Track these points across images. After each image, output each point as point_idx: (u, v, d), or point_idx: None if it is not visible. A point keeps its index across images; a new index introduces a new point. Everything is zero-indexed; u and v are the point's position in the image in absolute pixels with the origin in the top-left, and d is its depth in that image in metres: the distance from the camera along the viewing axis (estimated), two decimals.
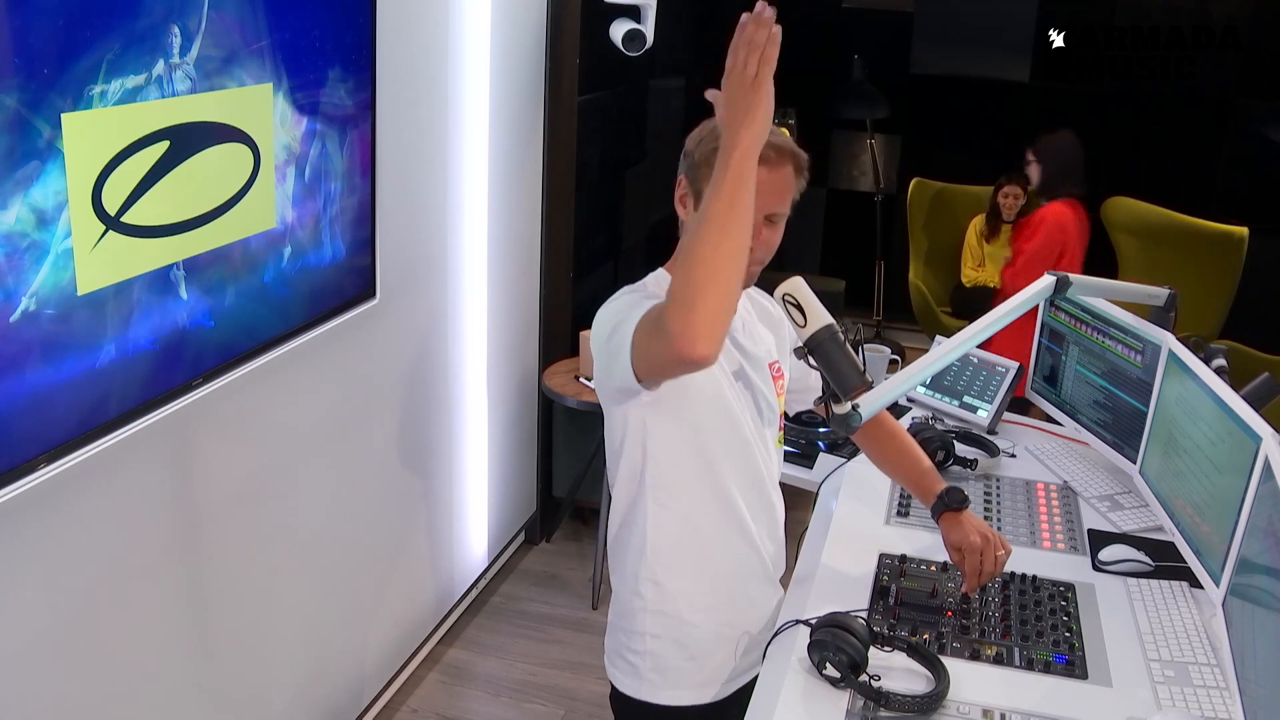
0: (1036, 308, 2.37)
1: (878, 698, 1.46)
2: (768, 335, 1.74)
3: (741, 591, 1.70)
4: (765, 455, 1.69)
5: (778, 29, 1.30)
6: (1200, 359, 1.91)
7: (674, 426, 1.58)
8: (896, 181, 5.95)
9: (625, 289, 1.60)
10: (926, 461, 1.84)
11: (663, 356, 1.34)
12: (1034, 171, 4.07)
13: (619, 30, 3.13)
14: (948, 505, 1.72)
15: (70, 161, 1.50)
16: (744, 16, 1.30)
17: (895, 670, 1.55)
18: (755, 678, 1.65)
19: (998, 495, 2.13)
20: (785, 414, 1.79)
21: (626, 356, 1.41)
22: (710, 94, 1.42)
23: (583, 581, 3.51)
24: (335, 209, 2.22)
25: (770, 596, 1.75)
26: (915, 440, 1.91)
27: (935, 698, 1.46)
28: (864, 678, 1.49)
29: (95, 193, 1.56)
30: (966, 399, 2.48)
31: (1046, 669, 1.58)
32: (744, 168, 1.29)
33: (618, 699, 1.73)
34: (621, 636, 1.69)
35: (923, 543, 1.93)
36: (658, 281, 1.62)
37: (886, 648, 1.55)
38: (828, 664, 1.50)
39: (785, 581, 1.89)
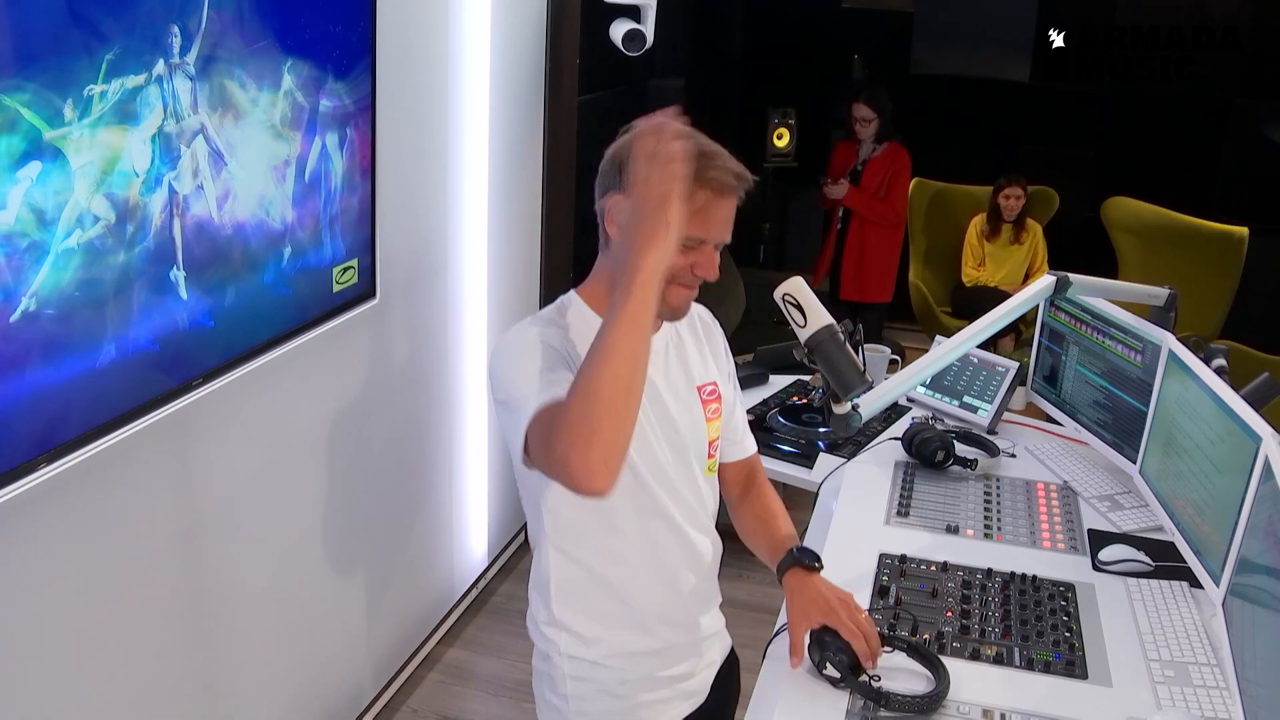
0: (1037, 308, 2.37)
1: (878, 698, 1.46)
2: (697, 356, 1.61)
3: (658, 630, 1.57)
4: (685, 492, 1.55)
5: (688, 144, 1.22)
6: (1200, 359, 1.91)
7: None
8: None
9: (527, 322, 1.47)
10: (788, 527, 1.70)
11: (554, 477, 1.25)
12: (875, 126, 4.46)
13: (619, 30, 3.13)
14: (797, 561, 1.57)
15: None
16: (641, 124, 1.22)
17: (895, 670, 1.55)
18: (701, 706, 1.62)
19: (998, 495, 2.13)
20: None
21: (520, 441, 1.31)
22: (610, 203, 1.38)
23: None
24: (335, 209, 2.22)
25: (694, 630, 1.62)
26: (910, 438, 1.89)
27: (935, 698, 1.46)
28: (864, 678, 1.48)
29: None
30: (966, 399, 2.48)
31: (1046, 669, 1.58)
32: (647, 293, 1.20)
33: None
34: (544, 680, 1.60)
35: (923, 543, 1.93)
36: (561, 312, 1.50)
37: (887, 648, 1.55)
38: (828, 664, 1.50)
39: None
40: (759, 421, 2.43)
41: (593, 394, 1.18)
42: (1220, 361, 2.02)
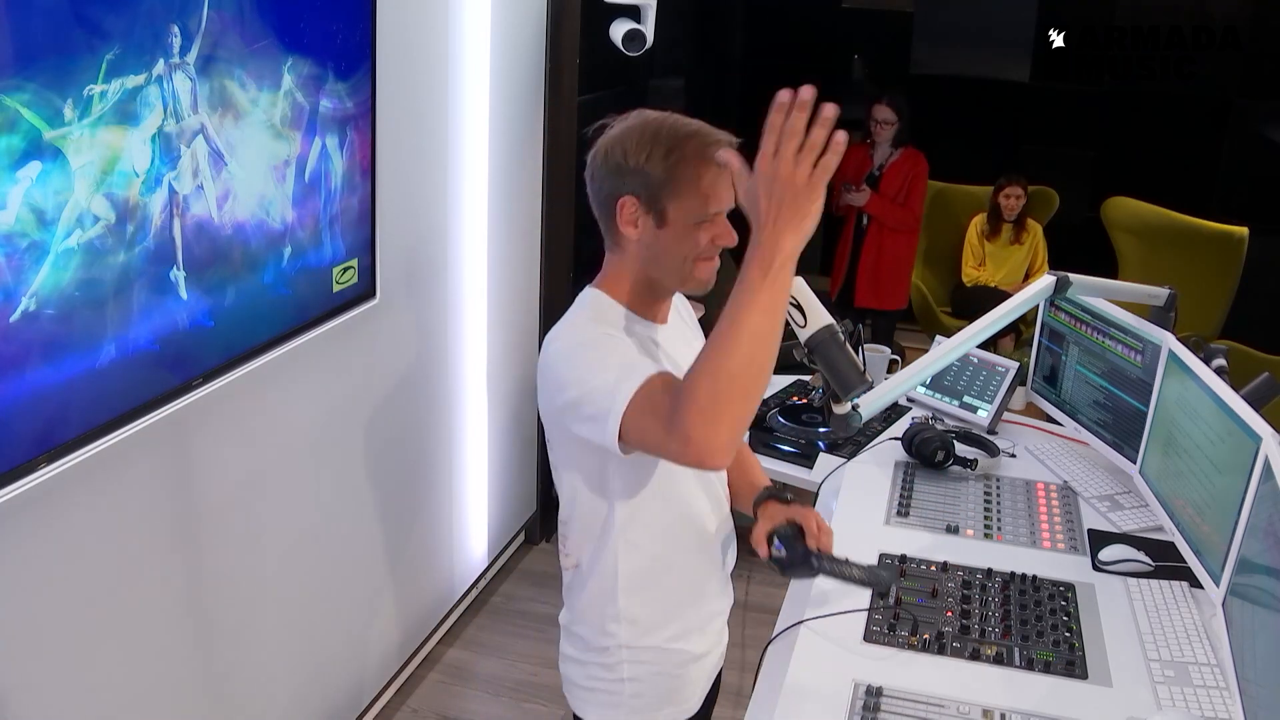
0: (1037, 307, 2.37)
1: (814, 562, 1.49)
2: (693, 335, 1.71)
3: (710, 607, 1.67)
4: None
5: (842, 136, 1.18)
6: (1200, 359, 1.91)
7: (646, 470, 1.51)
8: None
9: (574, 323, 1.49)
10: (764, 477, 1.77)
11: (669, 454, 1.28)
12: (894, 129, 4.41)
13: (619, 30, 3.13)
14: (774, 494, 1.65)
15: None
16: (782, 96, 1.19)
17: (896, 670, 1.55)
18: (717, 676, 1.72)
19: (998, 495, 2.13)
20: None
21: (613, 427, 1.31)
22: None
23: None
24: (335, 209, 2.22)
25: (729, 602, 1.74)
26: (910, 438, 1.89)
27: (877, 577, 1.50)
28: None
29: None
30: (966, 399, 2.48)
31: (1046, 669, 1.58)
32: (786, 275, 1.19)
33: None
34: (594, 670, 1.63)
35: (922, 543, 1.93)
36: (599, 310, 1.51)
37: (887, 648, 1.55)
38: (775, 539, 1.52)
39: (785, 582, 1.88)
40: (759, 421, 2.43)
41: (725, 374, 1.20)
42: (1220, 361, 2.02)
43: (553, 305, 3.59)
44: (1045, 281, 1.94)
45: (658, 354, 1.52)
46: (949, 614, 1.70)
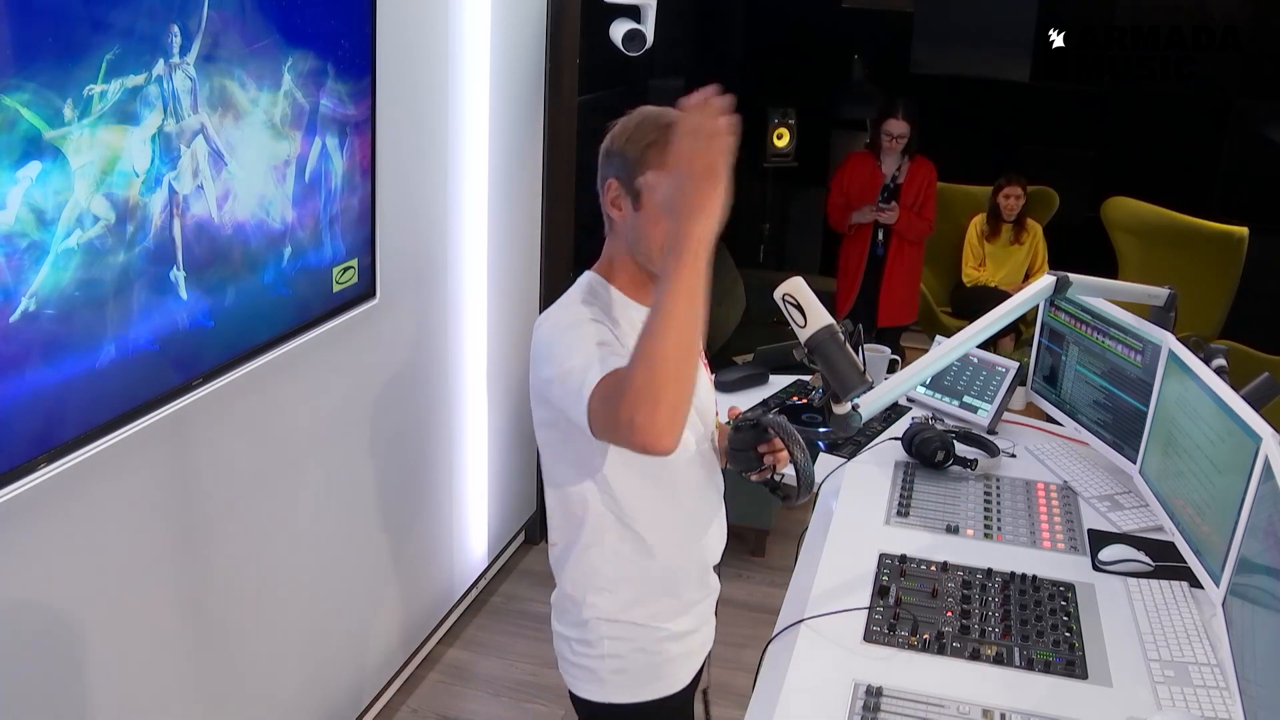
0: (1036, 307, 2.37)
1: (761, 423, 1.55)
2: None
3: (691, 590, 1.69)
4: (709, 454, 1.69)
5: (734, 118, 1.28)
6: (1200, 359, 1.91)
7: (641, 460, 1.51)
8: None
9: (567, 303, 1.55)
10: None
11: (621, 439, 1.32)
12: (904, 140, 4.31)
13: (619, 30, 3.13)
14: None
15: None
16: (687, 101, 1.29)
17: (896, 670, 1.55)
18: (709, 655, 1.76)
19: (998, 495, 2.13)
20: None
21: (583, 411, 1.37)
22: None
23: None
24: (335, 209, 2.22)
25: (714, 587, 1.76)
26: (910, 438, 1.89)
27: (808, 469, 1.55)
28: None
29: None
30: (966, 399, 2.47)
31: (1046, 669, 1.58)
32: (699, 260, 1.27)
33: (582, 705, 1.71)
34: (577, 646, 1.67)
35: (923, 543, 1.93)
36: (593, 292, 1.58)
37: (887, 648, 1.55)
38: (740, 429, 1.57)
39: (785, 582, 1.89)
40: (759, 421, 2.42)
41: (656, 358, 1.26)
42: (1220, 361, 2.02)
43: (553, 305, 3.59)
44: (1045, 281, 1.94)
45: None
46: (949, 614, 1.70)
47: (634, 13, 3.15)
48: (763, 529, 3.80)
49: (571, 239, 3.56)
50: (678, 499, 1.63)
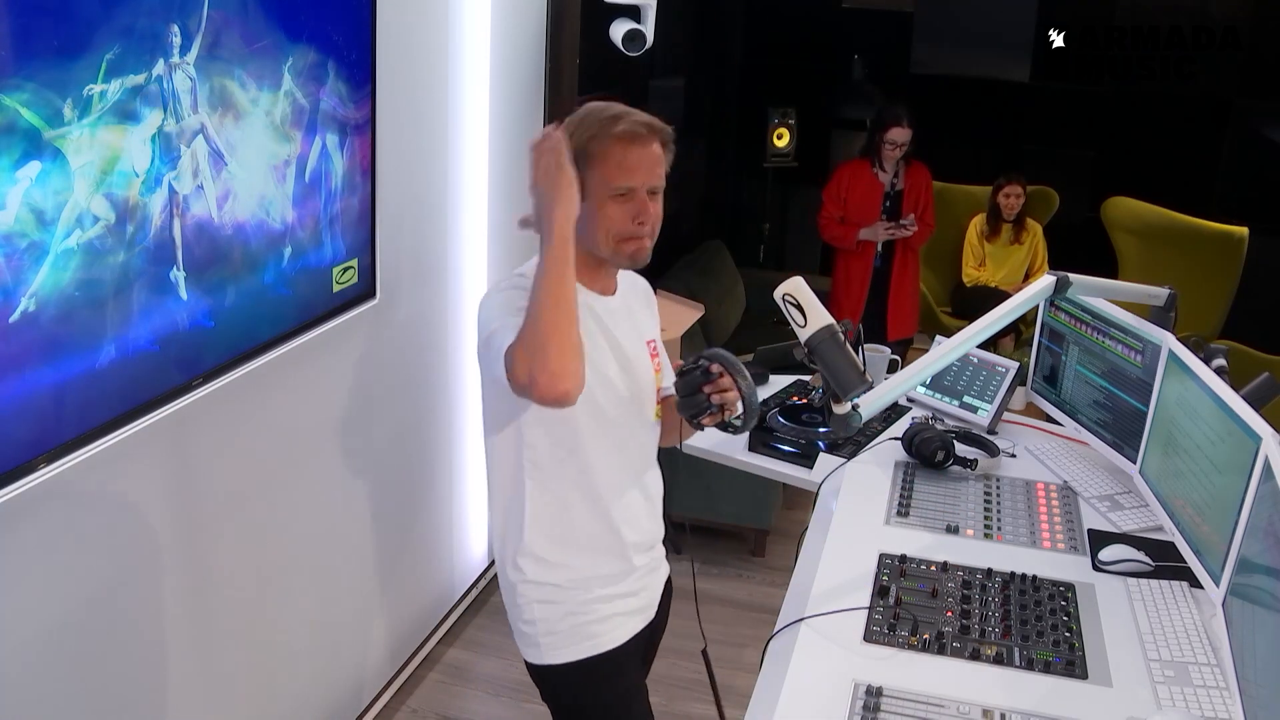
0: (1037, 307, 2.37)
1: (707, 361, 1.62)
2: (645, 315, 1.83)
3: (619, 556, 1.76)
4: (640, 432, 1.77)
5: (559, 133, 1.56)
6: (1200, 359, 1.91)
7: (549, 418, 1.65)
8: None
9: (507, 281, 1.67)
10: None
11: (529, 392, 1.45)
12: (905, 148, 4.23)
13: (619, 30, 3.13)
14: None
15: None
16: (531, 141, 1.56)
17: (896, 670, 1.55)
18: (651, 622, 1.82)
19: (998, 495, 2.13)
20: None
21: (503, 369, 1.49)
22: (521, 220, 1.61)
23: None
24: (335, 209, 2.22)
25: (645, 555, 1.81)
26: (910, 438, 1.90)
27: (751, 407, 1.60)
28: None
29: None
30: (966, 399, 2.47)
31: (1046, 669, 1.58)
32: (564, 239, 1.49)
33: (530, 669, 1.80)
34: (513, 612, 1.77)
35: (923, 543, 1.93)
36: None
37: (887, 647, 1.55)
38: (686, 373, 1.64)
39: (785, 582, 1.89)
40: (759, 421, 2.43)
41: (537, 318, 1.45)
42: (1220, 361, 2.02)
43: None
44: (1045, 281, 1.93)
45: (591, 322, 1.65)
46: (949, 614, 1.70)
47: (634, 13, 3.15)
48: (763, 529, 3.80)
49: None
50: (588, 461, 1.69)
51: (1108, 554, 1.88)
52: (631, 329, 1.76)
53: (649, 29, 3.15)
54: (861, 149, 4.38)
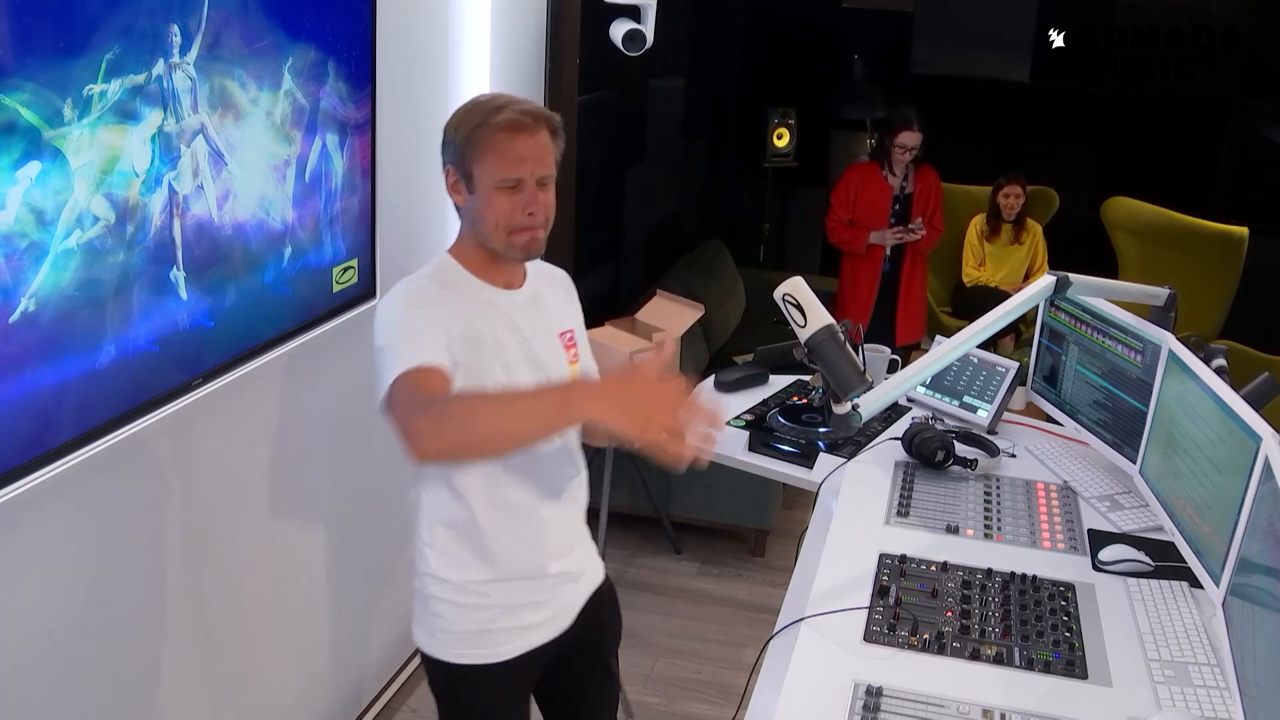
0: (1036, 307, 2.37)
1: None
2: (556, 306, 1.79)
3: (517, 562, 1.72)
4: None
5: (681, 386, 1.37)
6: (1200, 359, 1.91)
7: None
8: None
9: (413, 278, 1.65)
10: None
11: (398, 429, 1.46)
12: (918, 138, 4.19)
13: (619, 30, 3.13)
14: None
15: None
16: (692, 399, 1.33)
17: (896, 670, 1.55)
18: (549, 642, 1.77)
19: (998, 495, 2.13)
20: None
21: (385, 387, 1.50)
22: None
23: None
24: (335, 209, 2.22)
25: (556, 565, 1.76)
26: (910, 438, 1.90)
27: None
28: None
29: None
30: (966, 399, 2.48)
31: (1046, 669, 1.58)
32: (570, 418, 1.43)
33: (422, 656, 1.79)
34: (418, 597, 1.76)
35: (923, 543, 1.93)
36: (442, 272, 1.67)
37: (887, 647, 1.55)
38: None
39: (785, 582, 1.89)
40: (759, 421, 2.43)
41: (480, 428, 1.40)
42: (1220, 361, 2.02)
43: None
44: (1045, 281, 1.94)
45: (497, 319, 1.64)
46: (949, 614, 1.70)
47: (634, 13, 3.15)
48: (763, 529, 3.80)
49: (572, 239, 3.56)
50: (486, 466, 1.66)
51: (1108, 554, 1.88)
52: (542, 322, 1.74)
53: (649, 29, 3.15)
54: (871, 152, 4.37)
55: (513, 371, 1.66)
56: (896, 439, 2.29)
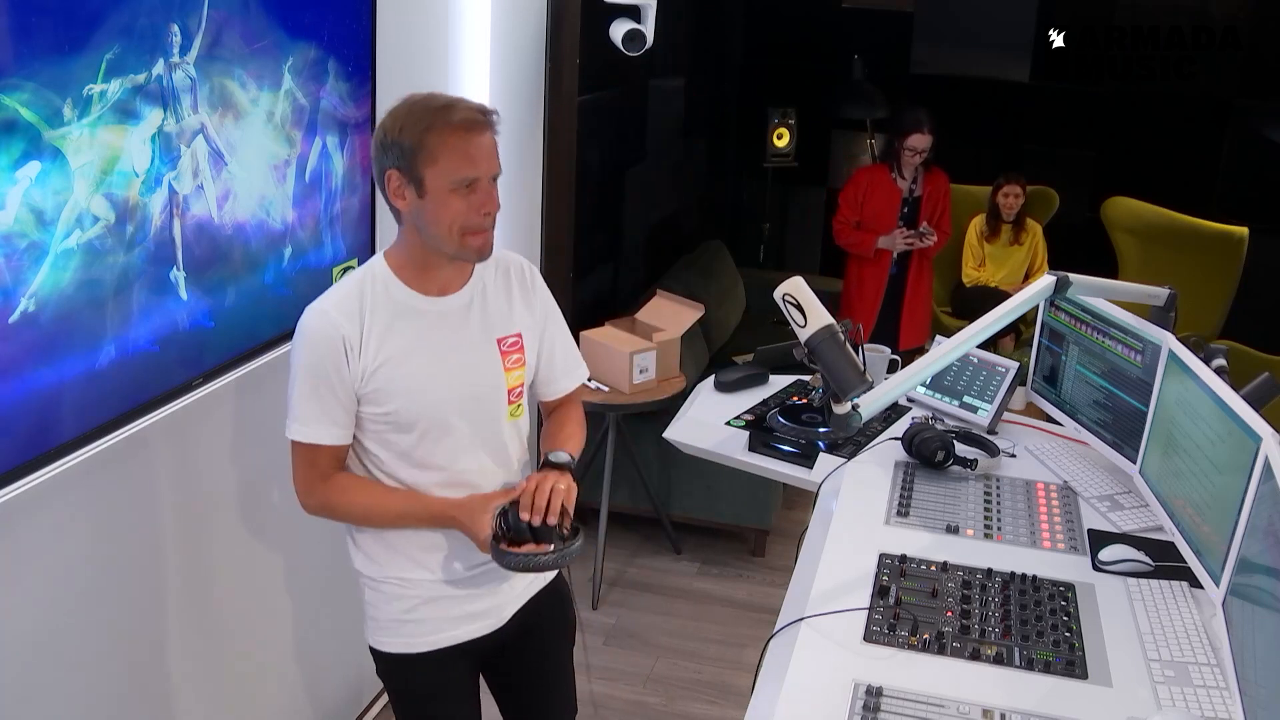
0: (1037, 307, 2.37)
1: (500, 557, 1.59)
2: (503, 309, 1.73)
3: (441, 566, 1.73)
4: (486, 438, 1.72)
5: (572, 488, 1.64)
6: (1200, 359, 1.91)
7: (382, 431, 1.67)
8: None
9: (337, 285, 1.67)
10: (571, 443, 1.81)
11: (296, 492, 1.68)
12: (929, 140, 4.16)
13: (619, 30, 3.14)
14: (548, 461, 1.70)
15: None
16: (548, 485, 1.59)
17: (896, 670, 1.55)
18: (482, 637, 1.78)
19: (998, 495, 2.13)
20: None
21: (288, 434, 1.65)
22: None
23: (583, 581, 3.51)
24: (335, 209, 2.22)
25: (481, 567, 1.75)
26: (910, 438, 1.89)
27: (565, 555, 1.58)
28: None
29: None
30: (966, 399, 2.48)
31: (1046, 669, 1.58)
32: (439, 525, 1.68)
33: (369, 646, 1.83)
34: (360, 589, 1.80)
35: (923, 543, 1.93)
36: (372, 281, 1.64)
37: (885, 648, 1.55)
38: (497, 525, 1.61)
39: (785, 582, 1.89)
40: (759, 421, 2.43)
41: (354, 516, 1.71)
42: (1220, 361, 2.02)
43: None
44: (1045, 281, 1.93)
45: (411, 331, 1.63)
46: (949, 614, 1.70)
47: (634, 13, 3.15)
48: (763, 529, 3.80)
49: (572, 239, 3.56)
50: (417, 464, 1.68)
51: (1108, 554, 1.88)
52: (476, 328, 1.69)
53: (649, 29, 3.15)
54: (872, 152, 4.35)
55: (424, 391, 1.64)
56: (896, 439, 2.29)
